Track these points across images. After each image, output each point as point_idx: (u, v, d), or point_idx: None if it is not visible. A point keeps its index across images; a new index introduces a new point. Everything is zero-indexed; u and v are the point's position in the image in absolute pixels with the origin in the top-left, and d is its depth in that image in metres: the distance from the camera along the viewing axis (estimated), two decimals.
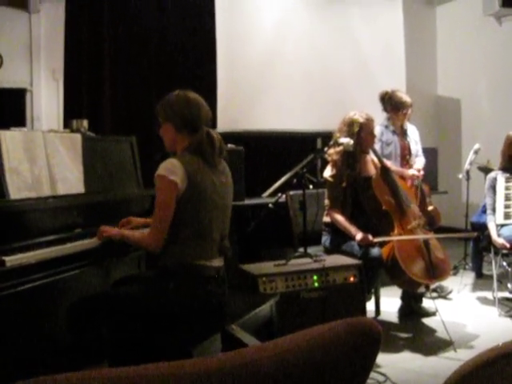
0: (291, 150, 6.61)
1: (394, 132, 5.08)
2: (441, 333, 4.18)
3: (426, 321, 4.58)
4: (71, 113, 5.78)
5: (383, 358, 3.71)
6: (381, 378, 3.42)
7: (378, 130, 4.83)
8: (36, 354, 3.01)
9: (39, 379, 0.95)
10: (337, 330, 1.12)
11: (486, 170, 5.80)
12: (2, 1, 6.53)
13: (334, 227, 4.34)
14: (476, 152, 5.99)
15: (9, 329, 2.83)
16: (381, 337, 1.16)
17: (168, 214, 2.67)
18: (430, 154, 6.57)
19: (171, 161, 2.69)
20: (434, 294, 4.99)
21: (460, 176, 6.19)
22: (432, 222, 4.78)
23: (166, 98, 2.87)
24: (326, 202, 4.38)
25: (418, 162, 5.13)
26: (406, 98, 5.02)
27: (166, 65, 6.45)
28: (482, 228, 5.17)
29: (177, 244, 2.70)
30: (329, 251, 4.33)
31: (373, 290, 4.44)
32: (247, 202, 5.45)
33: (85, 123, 3.74)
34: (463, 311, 4.86)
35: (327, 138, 4.88)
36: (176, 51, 6.50)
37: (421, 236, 4.20)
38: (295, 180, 4.12)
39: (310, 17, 6.88)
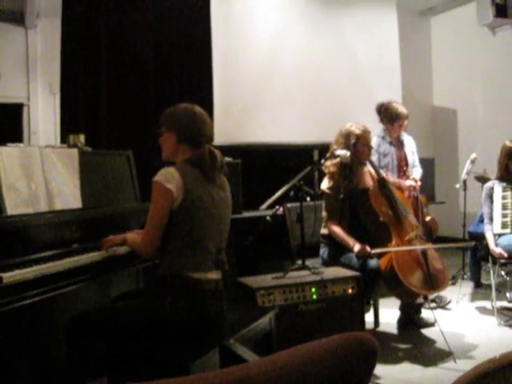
0: (288, 163, 6.62)
1: (390, 143, 5.09)
2: (440, 343, 4.17)
3: (425, 331, 4.57)
4: (68, 127, 5.80)
5: (382, 370, 3.70)
6: None
7: (374, 141, 4.85)
8: (34, 369, 3.00)
9: None
10: (333, 345, 1.12)
11: (482, 180, 5.81)
12: None
13: (331, 239, 4.33)
14: (473, 162, 6.00)
15: (6, 345, 2.82)
16: (377, 351, 1.16)
17: (160, 221, 2.68)
18: (427, 164, 6.59)
19: (169, 169, 2.70)
20: (433, 305, 4.99)
21: (457, 186, 6.20)
22: (430, 233, 4.78)
23: (173, 108, 2.89)
24: (324, 214, 4.38)
25: (415, 173, 5.14)
26: (402, 110, 5.02)
27: (162, 78, 6.48)
28: (479, 238, 5.17)
29: (172, 254, 2.71)
30: (327, 263, 4.33)
31: (371, 302, 4.43)
32: (245, 214, 5.46)
33: (82, 138, 3.74)
34: (462, 321, 4.85)
35: (324, 150, 4.89)
36: (172, 64, 6.53)
37: (418, 247, 4.19)
38: (292, 192, 4.12)
39: (305, 29, 6.90)
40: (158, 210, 2.69)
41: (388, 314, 4.80)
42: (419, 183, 4.91)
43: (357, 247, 4.11)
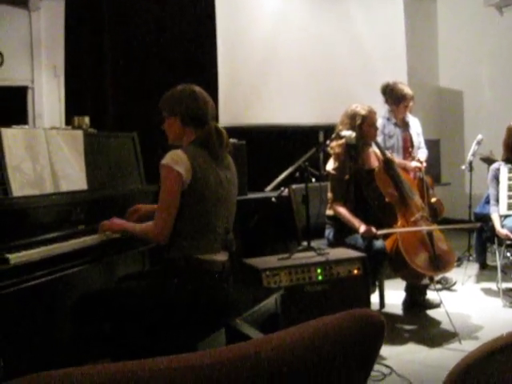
0: (293, 144, 6.60)
1: (395, 124, 5.07)
2: (445, 324, 4.18)
3: (431, 313, 4.58)
4: (73, 109, 5.78)
5: (388, 350, 3.71)
6: (386, 370, 3.42)
7: (380, 122, 4.82)
8: (40, 349, 3.02)
9: (42, 374, 0.95)
10: (340, 322, 1.12)
11: (488, 161, 5.78)
12: None
13: (337, 220, 4.33)
14: (479, 143, 5.98)
15: (13, 325, 2.83)
16: (384, 328, 1.16)
17: (173, 204, 2.65)
18: (433, 145, 6.57)
19: (177, 152, 2.68)
20: (438, 286, 4.99)
21: (463, 167, 6.18)
22: (435, 214, 4.77)
23: (171, 92, 2.85)
24: (329, 195, 4.37)
25: (421, 154, 5.12)
26: (408, 91, 5.00)
27: (166, 59, 6.44)
28: (485, 219, 5.17)
29: (181, 237, 2.70)
30: (332, 244, 4.33)
31: (377, 283, 4.44)
32: (250, 196, 5.45)
33: (86, 120, 3.73)
34: (468, 302, 4.86)
35: (329, 131, 4.87)
36: (176, 45, 6.50)
37: (424, 228, 4.19)
38: (298, 174, 4.11)
39: (310, 9, 6.85)
40: (169, 193, 2.66)
41: (393, 296, 4.81)
42: (425, 164, 4.89)
43: (362, 228, 4.10)
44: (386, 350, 3.70)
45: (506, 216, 4.82)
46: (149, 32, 6.41)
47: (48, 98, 6.82)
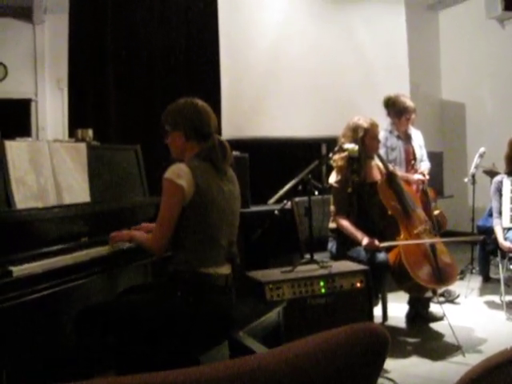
0: (296, 157, 6.61)
1: (398, 137, 5.08)
2: (449, 337, 4.16)
3: (434, 325, 4.56)
4: (76, 122, 5.80)
5: (391, 364, 3.69)
6: None
7: (382, 135, 4.82)
8: (43, 362, 3.02)
9: None
10: (344, 336, 1.12)
11: (491, 174, 5.79)
12: (6, 12, 6.58)
13: (339, 233, 4.33)
14: (481, 156, 5.98)
15: (16, 338, 2.83)
16: (388, 342, 1.16)
17: (171, 218, 2.66)
18: (436, 158, 6.57)
19: (179, 165, 2.69)
20: (442, 299, 4.98)
21: (466, 180, 6.17)
22: (438, 227, 4.77)
23: (174, 106, 2.86)
24: (332, 207, 4.37)
25: (423, 167, 5.12)
26: (410, 103, 5.01)
27: (170, 72, 6.47)
28: (488, 232, 5.16)
29: (185, 250, 2.70)
30: (335, 257, 4.32)
31: (380, 296, 4.42)
32: (253, 208, 5.45)
33: (90, 132, 3.75)
34: (471, 315, 4.84)
35: (332, 143, 4.88)
36: (179, 58, 6.52)
37: (427, 240, 4.18)
38: (300, 186, 4.11)
39: (312, 23, 6.87)
40: (170, 207, 2.67)
41: (396, 308, 4.79)
42: (427, 177, 4.89)
43: (365, 241, 4.10)
44: (389, 363, 3.68)
45: (509, 229, 4.81)
46: (152, 45, 6.44)
47: (51, 110, 6.86)
